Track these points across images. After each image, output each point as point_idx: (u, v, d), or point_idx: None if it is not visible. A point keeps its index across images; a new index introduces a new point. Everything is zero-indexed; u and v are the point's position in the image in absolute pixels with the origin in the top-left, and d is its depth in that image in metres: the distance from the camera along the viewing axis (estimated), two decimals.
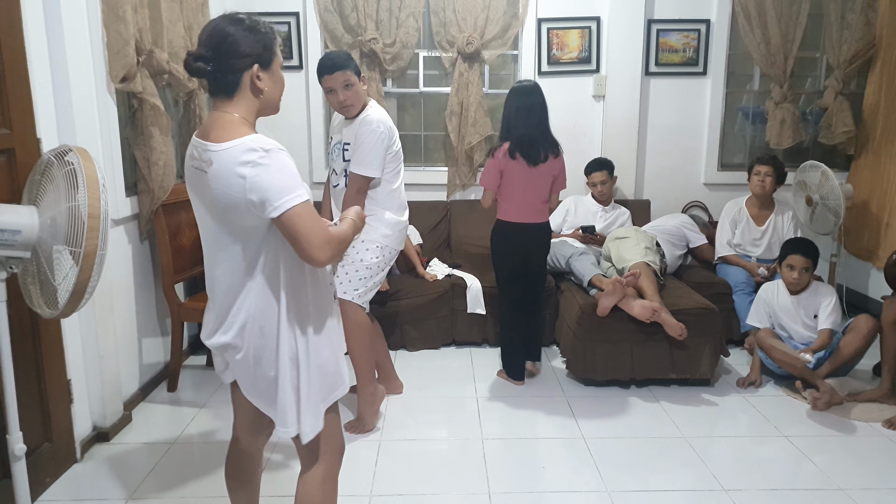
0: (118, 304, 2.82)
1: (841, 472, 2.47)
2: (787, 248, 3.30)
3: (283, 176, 1.39)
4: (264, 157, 1.38)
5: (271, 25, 1.53)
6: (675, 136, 4.37)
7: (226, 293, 1.52)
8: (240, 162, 1.38)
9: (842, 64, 4.15)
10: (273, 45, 1.51)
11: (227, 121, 1.45)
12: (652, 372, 3.19)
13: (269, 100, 1.53)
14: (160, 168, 2.91)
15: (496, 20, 4.10)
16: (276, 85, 1.54)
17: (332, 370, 1.59)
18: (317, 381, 1.55)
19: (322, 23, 4.10)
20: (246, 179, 1.37)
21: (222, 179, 1.40)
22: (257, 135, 1.43)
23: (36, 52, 2.27)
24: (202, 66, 1.43)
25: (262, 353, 1.52)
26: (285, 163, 1.41)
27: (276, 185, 1.37)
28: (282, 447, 2.62)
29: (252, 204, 1.39)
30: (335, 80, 2.52)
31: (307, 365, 1.53)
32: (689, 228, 4.00)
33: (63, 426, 2.44)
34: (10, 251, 1.70)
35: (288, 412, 1.52)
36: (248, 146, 1.39)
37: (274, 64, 1.52)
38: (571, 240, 3.82)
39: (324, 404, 1.58)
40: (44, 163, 1.79)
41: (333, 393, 1.61)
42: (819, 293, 3.23)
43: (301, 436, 1.55)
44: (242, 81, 1.46)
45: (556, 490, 2.36)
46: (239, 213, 1.42)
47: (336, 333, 1.63)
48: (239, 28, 1.44)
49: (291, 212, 1.38)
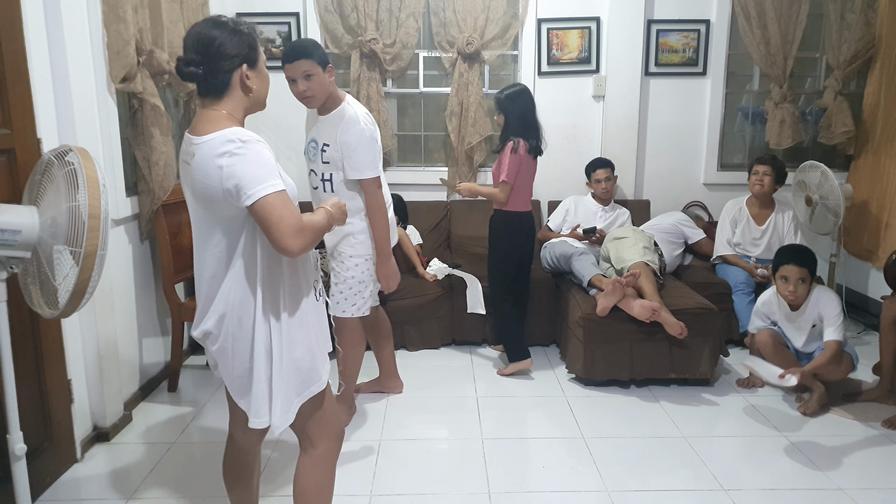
0: (118, 304, 2.82)
1: (841, 472, 2.47)
2: (779, 257, 3.03)
3: (257, 166, 1.43)
4: (241, 148, 1.43)
5: (253, 25, 1.58)
6: (674, 137, 4.38)
7: (209, 283, 1.57)
8: (218, 153, 1.43)
9: (841, 64, 4.15)
10: (256, 43, 1.57)
11: (212, 116, 1.51)
12: (652, 372, 3.20)
13: (258, 97, 1.59)
14: (160, 168, 2.91)
15: (496, 20, 4.10)
16: (263, 82, 1.60)
17: (306, 366, 1.61)
18: (291, 376, 1.58)
19: (322, 23, 4.10)
20: (223, 169, 1.43)
21: (202, 170, 1.45)
22: (238, 127, 1.49)
23: (36, 52, 2.27)
24: (194, 70, 1.49)
25: (238, 344, 1.56)
26: (261, 154, 1.46)
27: (250, 175, 1.42)
28: (282, 446, 2.62)
29: (229, 193, 1.43)
30: (295, 69, 2.37)
31: (280, 358, 1.56)
32: (686, 225, 4.00)
33: (63, 426, 2.44)
34: (10, 251, 1.70)
35: (261, 403, 1.56)
36: (227, 137, 1.44)
37: (260, 62, 1.58)
38: (571, 240, 3.82)
39: (298, 399, 1.61)
40: (44, 163, 1.79)
41: (309, 388, 1.63)
42: (821, 302, 2.96)
43: (272, 427, 1.58)
44: (232, 81, 1.53)
45: (556, 490, 2.36)
46: (217, 202, 1.47)
47: (315, 331, 1.64)
48: (224, 31, 1.50)
49: (263, 200, 1.42)
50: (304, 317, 1.60)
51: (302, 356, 1.59)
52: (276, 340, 1.55)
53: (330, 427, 1.72)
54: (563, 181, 4.33)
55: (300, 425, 1.68)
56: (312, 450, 1.70)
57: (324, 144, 2.51)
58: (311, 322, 1.63)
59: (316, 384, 1.64)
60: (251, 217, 1.47)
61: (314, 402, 1.65)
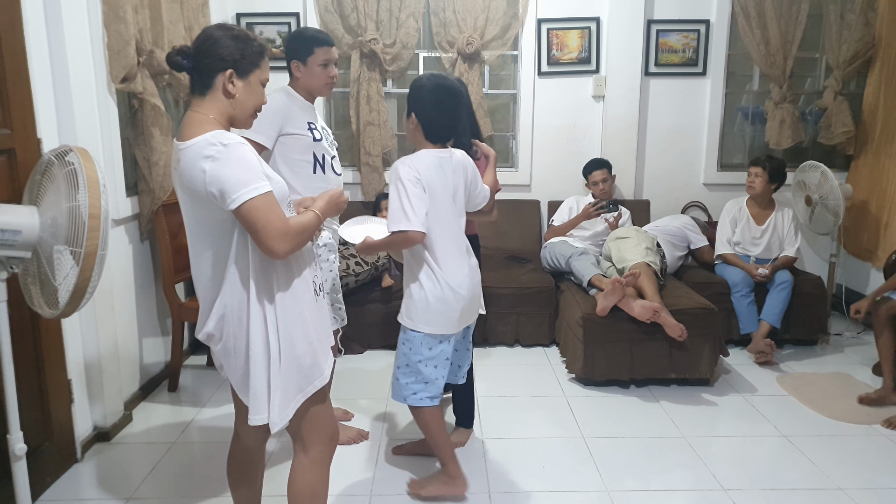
0: (118, 304, 2.82)
1: (841, 472, 2.47)
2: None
3: (241, 169, 1.43)
4: (222, 152, 1.43)
5: (264, 44, 1.59)
6: (674, 137, 4.38)
7: (207, 286, 1.58)
8: (201, 157, 1.44)
9: (841, 64, 4.15)
10: (257, 58, 1.56)
11: (196, 120, 1.51)
12: (652, 372, 3.20)
13: (241, 108, 1.57)
14: (160, 168, 2.91)
15: (496, 21, 4.10)
16: (250, 96, 1.57)
17: (308, 362, 1.60)
18: (292, 373, 1.58)
19: (322, 23, 4.10)
20: (206, 173, 1.43)
21: (188, 175, 1.46)
22: (220, 130, 1.49)
23: (36, 52, 2.27)
24: (179, 59, 1.51)
25: (238, 343, 1.56)
26: (244, 156, 1.45)
27: (233, 178, 1.42)
28: (285, 445, 2.62)
29: (213, 197, 1.44)
30: (333, 53, 2.41)
31: (279, 355, 1.55)
32: (691, 230, 4.00)
33: (63, 426, 2.44)
34: (10, 251, 1.70)
35: (260, 400, 1.56)
36: (209, 141, 1.44)
37: (253, 76, 1.56)
38: (571, 240, 3.82)
39: (301, 395, 1.61)
40: (44, 163, 1.79)
41: (312, 383, 1.62)
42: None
43: (270, 425, 1.57)
44: (215, 83, 1.53)
45: (556, 490, 2.36)
46: (204, 206, 1.48)
47: (315, 327, 1.64)
48: (225, 34, 1.52)
49: (248, 204, 1.42)
50: (302, 313, 1.60)
51: (303, 353, 1.59)
52: (272, 338, 1.55)
53: (323, 430, 1.71)
54: (563, 181, 4.33)
55: (294, 427, 1.68)
56: (305, 453, 1.70)
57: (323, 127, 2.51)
58: (309, 318, 1.62)
59: (319, 379, 1.64)
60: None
61: (311, 402, 1.65)
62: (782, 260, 3.75)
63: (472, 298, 2.21)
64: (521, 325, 3.74)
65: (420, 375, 2.19)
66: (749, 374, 3.39)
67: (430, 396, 2.22)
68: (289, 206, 1.61)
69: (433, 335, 2.16)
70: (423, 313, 2.14)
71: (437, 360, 2.20)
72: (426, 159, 2.11)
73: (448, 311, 2.14)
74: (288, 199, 1.61)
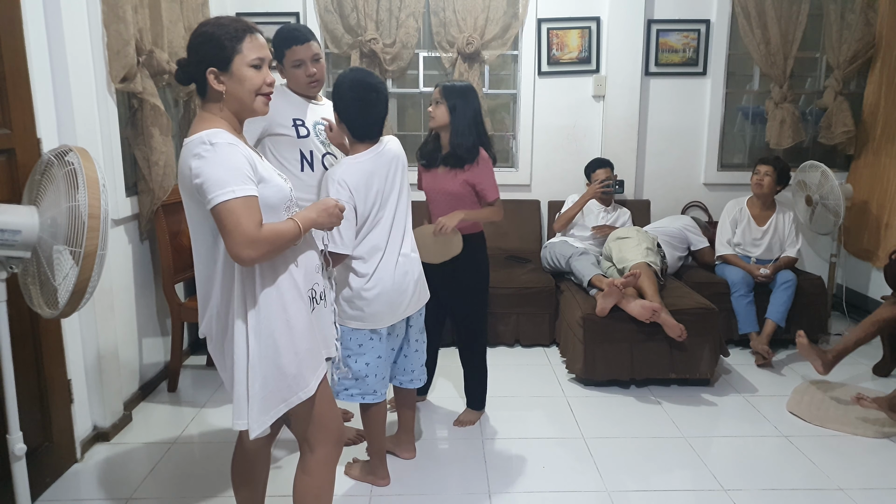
0: (118, 304, 2.82)
1: (841, 472, 2.47)
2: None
3: (223, 170, 1.43)
4: (209, 151, 1.44)
5: (245, 27, 1.52)
6: (674, 137, 4.37)
7: (203, 284, 1.59)
8: (191, 154, 1.45)
9: (841, 64, 4.15)
10: (234, 44, 1.49)
11: (202, 117, 1.54)
12: (652, 372, 3.19)
13: (236, 100, 1.53)
14: (160, 168, 2.91)
15: (496, 20, 4.10)
16: (240, 85, 1.52)
17: (291, 372, 1.56)
18: (273, 381, 1.55)
19: (322, 23, 4.10)
20: (192, 170, 1.44)
21: (181, 170, 1.48)
22: (215, 129, 1.48)
23: (36, 52, 2.27)
24: (181, 74, 1.56)
25: (226, 345, 1.57)
26: (228, 157, 1.44)
27: (212, 179, 1.42)
28: (291, 446, 2.62)
29: (199, 193, 1.45)
30: (307, 50, 2.29)
31: (259, 362, 1.53)
32: (692, 231, 4.00)
33: (63, 426, 2.44)
34: (10, 251, 1.70)
35: (241, 405, 1.54)
36: (201, 139, 1.45)
37: (234, 65, 1.50)
38: (572, 240, 3.82)
39: (284, 405, 1.58)
40: (44, 163, 1.79)
41: (297, 394, 1.58)
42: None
43: (249, 431, 1.54)
44: (208, 83, 1.53)
45: (556, 490, 2.36)
46: (195, 202, 1.49)
47: (306, 337, 1.59)
48: (198, 33, 1.52)
49: (221, 206, 1.42)
50: (289, 322, 1.55)
51: (288, 363, 1.55)
52: (253, 344, 1.52)
53: (329, 432, 1.70)
54: (563, 181, 4.33)
55: (300, 430, 1.67)
56: (311, 454, 1.69)
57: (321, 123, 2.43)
58: (298, 327, 1.57)
59: (304, 390, 1.59)
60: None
61: (311, 406, 1.63)
62: (783, 260, 3.75)
63: (400, 292, 2.19)
64: (521, 325, 3.74)
65: (350, 371, 2.21)
66: (749, 375, 3.38)
67: (361, 393, 2.23)
68: (287, 210, 1.59)
69: (359, 330, 2.18)
70: (348, 308, 2.16)
71: (368, 357, 2.20)
72: (356, 170, 2.10)
73: (373, 304, 2.14)
74: (287, 203, 1.59)
